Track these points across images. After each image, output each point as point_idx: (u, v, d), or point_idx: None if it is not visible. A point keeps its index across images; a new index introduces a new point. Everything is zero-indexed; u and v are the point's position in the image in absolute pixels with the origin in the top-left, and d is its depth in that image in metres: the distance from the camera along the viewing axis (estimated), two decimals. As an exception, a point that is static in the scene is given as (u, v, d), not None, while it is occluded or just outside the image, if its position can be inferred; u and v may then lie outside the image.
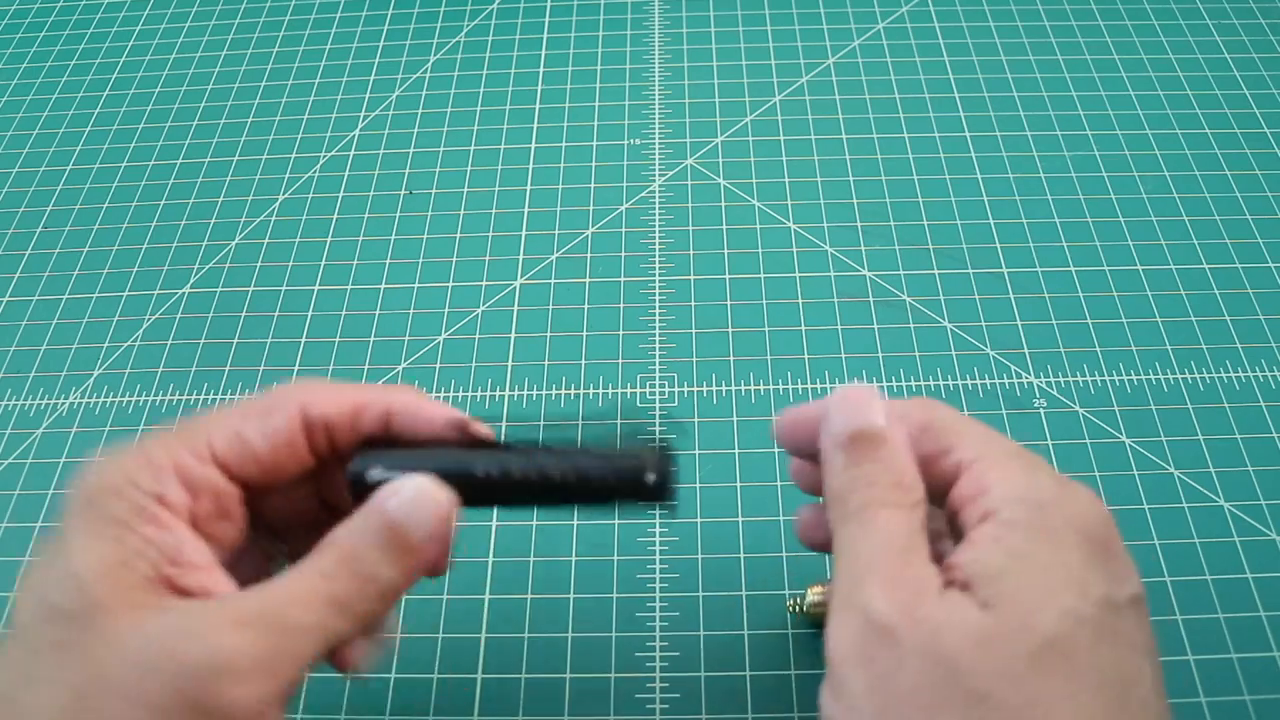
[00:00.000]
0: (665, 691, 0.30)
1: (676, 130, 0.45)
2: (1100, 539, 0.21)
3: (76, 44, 0.52)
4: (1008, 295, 0.39)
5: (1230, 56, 0.47)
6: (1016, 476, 0.21)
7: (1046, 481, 0.21)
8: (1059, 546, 0.20)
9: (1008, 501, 0.21)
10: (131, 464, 0.21)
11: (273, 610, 0.20)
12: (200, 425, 0.23)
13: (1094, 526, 0.21)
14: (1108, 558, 0.21)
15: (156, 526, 0.21)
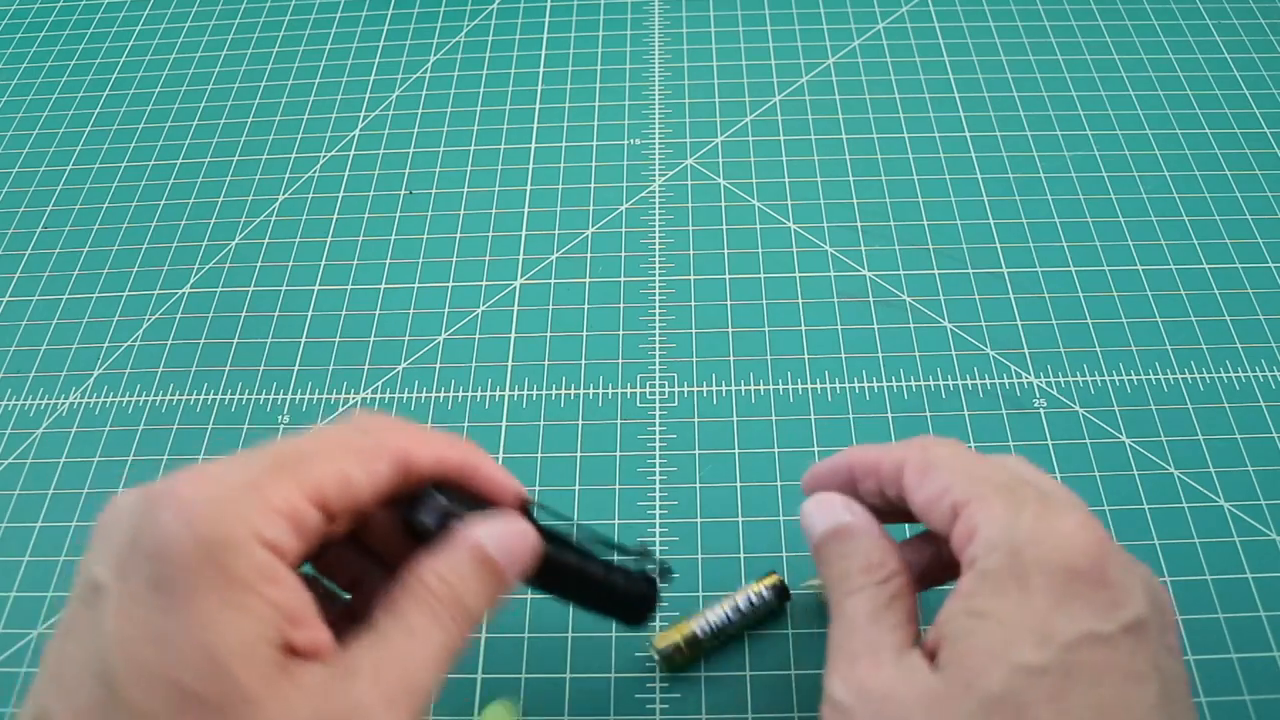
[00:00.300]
0: (665, 691, 0.30)
1: (676, 130, 0.45)
2: (1083, 571, 0.21)
3: (76, 44, 0.52)
4: (1008, 295, 0.39)
5: (1230, 56, 0.47)
6: (999, 517, 0.22)
7: (1027, 520, 0.21)
8: (1027, 593, 0.21)
9: (987, 548, 0.21)
10: (250, 509, 0.19)
11: (413, 680, 0.20)
12: (309, 461, 0.21)
13: (1076, 559, 0.21)
14: (1094, 588, 0.21)
15: (278, 586, 0.19)
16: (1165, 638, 0.21)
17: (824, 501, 0.25)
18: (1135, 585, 0.21)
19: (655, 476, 0.35)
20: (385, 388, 0.38)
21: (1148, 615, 0.21)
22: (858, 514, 0.25)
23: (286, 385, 0.38)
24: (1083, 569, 0.21)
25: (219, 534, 0.19)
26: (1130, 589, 0.21)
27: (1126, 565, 0.21)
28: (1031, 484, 0.23)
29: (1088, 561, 0.21)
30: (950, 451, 0.24)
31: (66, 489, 0.36)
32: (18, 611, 0.33)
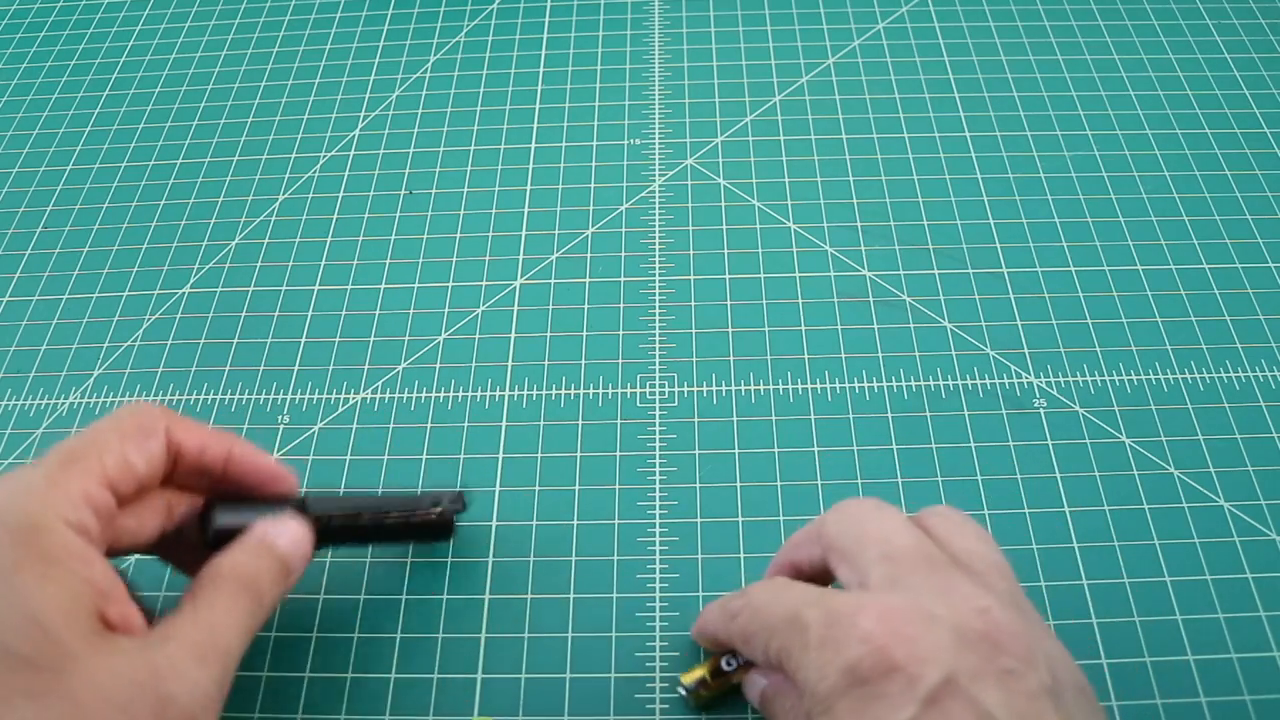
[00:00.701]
0: (665, 691, 0.30)
1: (676, 130, 0.45)
2: (867, 672, 0.21)
3: (76, 44, 0.52)
4: (1008, 295, 0.39)
5: (1230, 56, 0.47)
6: (797, 664, 0.23)
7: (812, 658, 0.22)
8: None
9: (805, 701, 0.23)
10: (52, 495, 0.22)
11: (221, 643, 0.23)
12: (94, 452, 0.24)
13: (859, 667, 0.21)
14: (886, 680, 0.21)
15: (89, 565, 0.22)
16: (994, 664, 0.21)
17: (748, 680, 0.28)
18: (933, 644, 0.21)
19: (655, 476, 0.35)
20: (385, 388, 0.38)
21: (953, 667, 0.21)
22: (769, 674, 0.27)
23: (286, 385, 0.38)
24: (866, 672, 0.21)
25: (28, 521, 0.21)
26: (925, 652, 0.21)
27: (921, 625, 0.21)
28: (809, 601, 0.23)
29: (869, 662, 0.21)
30: (746, 614, 0.26)
31: None
32: (18, 611, 0.33)
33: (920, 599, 0.22)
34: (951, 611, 0.22)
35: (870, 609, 0.22)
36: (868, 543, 0.24)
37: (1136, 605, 0.31)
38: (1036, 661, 0.21)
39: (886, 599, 0.22)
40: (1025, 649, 0.21)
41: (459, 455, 0.36)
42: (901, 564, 0.23)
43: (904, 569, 0.23)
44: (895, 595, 0.22)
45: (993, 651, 0.21)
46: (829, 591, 0.24)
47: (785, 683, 0.26)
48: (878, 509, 0.26)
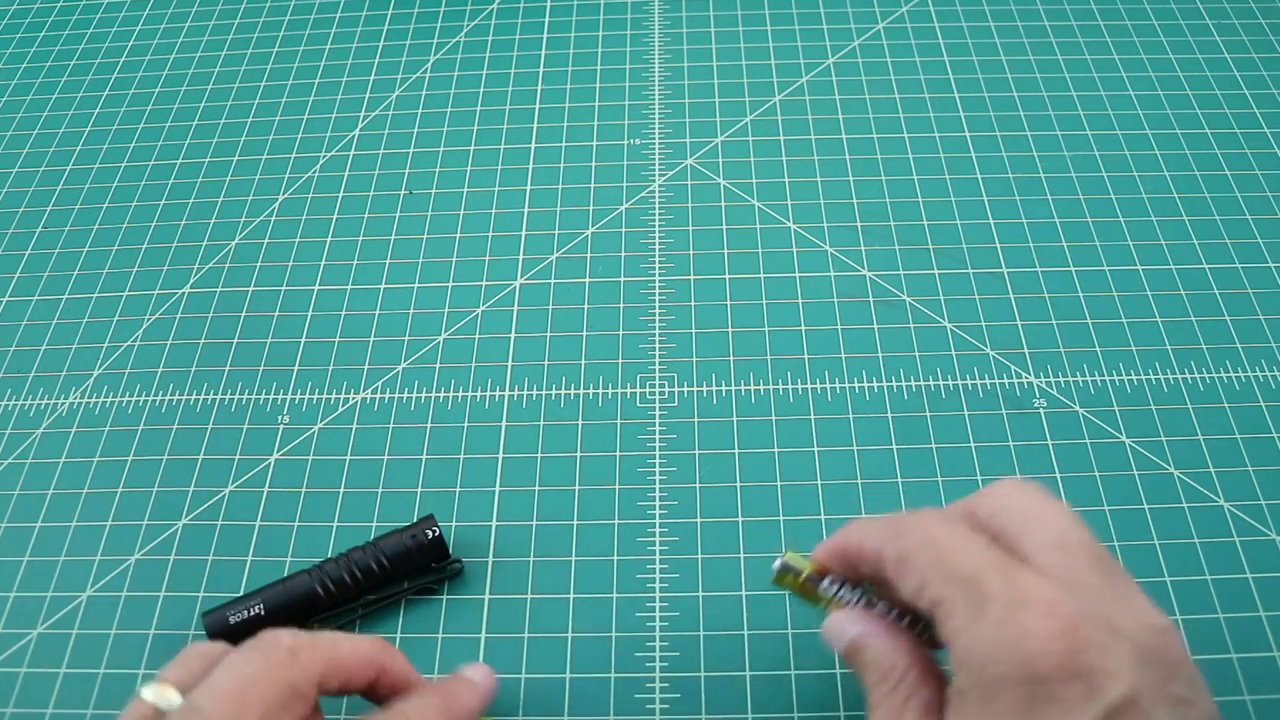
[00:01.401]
0: (665, 691, 0.30)
1: (676, 130, 0.45)
2: (1048, 673, 0.20)
3: (76, 44, 0.52)
4: (1008, 295, 0.39)
5: (1230, 56, 0.47)
6: (963, 628, 0.21)
7: (988, 630, 0.21)
8: (992, 717, 0.20)
9: (956, 665, 0.21)
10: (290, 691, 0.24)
11: None
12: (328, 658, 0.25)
13: (1039, 665, 0.20)
14: (1066, 685, 0.20)
15: None
16: (1169, 689, 0.20)
17: (834, 622, 0.26)
18: (1118, 658, 0.20)
19: (655, 476, 0.35)
20: (385, 388, 0.38)
21: (1135, 686, 0.20)
22: (864, 623, 0.25)
23: (286, 385, 0.38)
24: (1048, 671, 0.20)
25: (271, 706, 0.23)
26: (1111, 665, 0.20)
27: (1107, 635, 0.20)
28: (995, 566, 0.22)
29: (1053, 661, 0.20)
30: (919, 538, 0.23)
31: (66, 489, 0.36)
32: (18, 611, 0.33)
33: (1104, 606, 0.21)
34: (1135, 625, 0.21)
35: (1063, 605, 0.20)
36: (1039, 525, 0.23)
37: (1136, 605, 0.31)
38: (1204, 690, 0.21)
39: (1076, 599, 0.21)
40: (1195, 675, 0.21)
41: (459, 455, 0.36)
42: (1078, 559, 0.22)
43: (1080, 566, 0.22)
44: (1079, 596, 0.21)
45: (1169, 674, 0.21)
46: (1014, 563, 0.22)
47: (886, 634, 0.24)
48: (1044, 495, 0.24)
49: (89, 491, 0.36)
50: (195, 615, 0.32)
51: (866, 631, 0.25)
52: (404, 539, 0.32)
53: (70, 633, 0.32)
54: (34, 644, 0.32)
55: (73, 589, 0.33)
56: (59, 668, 0.32)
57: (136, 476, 0.36)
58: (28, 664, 0.32)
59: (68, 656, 0.32)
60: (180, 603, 0.33)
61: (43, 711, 0.31)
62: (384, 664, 0.26)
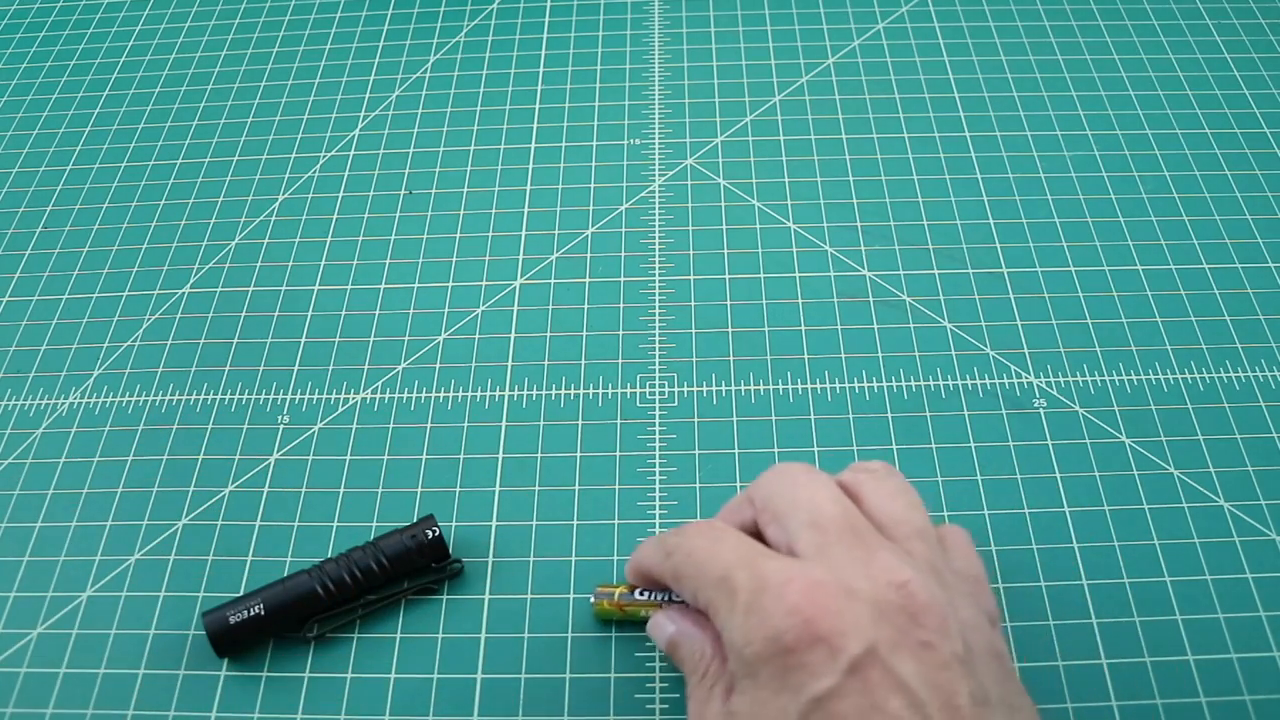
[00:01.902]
0: (665, 691, 0.30)
1: (676, 130, 0.45)
2: (792, 643, 0.22)
3: (76, 44, 0.52)
4: (1008, 295, 0.39)
5: (1230, 56, 0.47)
6: (724, 621, 0.24)
7: (738, 620, 0.23)
8: (759, 689, 0.23)
9: (728, 655, 0.24)
10: None
11: None
12: None
13: (784, 637, 0.22)
14: (809, 649, 0.22)
15: None
16: (910, 636, 0.22)
17: (655, 622, 0.28)
18: (853, 617, 0.22)
19: (655, 476, 0.35)
20: (385, 388, 0.38)
21: (872, 638, 0.22)
22: (678, 620, 0.27)
23: (286, 385, 0.38)
24: (790, 643, 0.22)
25: None
26: (846, 626, 0.22)
27: (841, 599, 0.22)
28: (742, 561, 0.24)
29: (793, 634, 0.22)
30: (683, 554, 0.26)
31: (66, 489, 0.36)
32: (18, 611, 0.33)
33: (843, 572, 0.23)
34: (872, 585, 0.23)
35: (796, 581, 0.23)
36: (797, 509, 0.25)
37: (1136, 605, 0.31)
38: (950, 632, 0.23)
39: (812, 571, 0.23)
40: (939, 620, 0.23)
41: (459, 455, 0.36)
42: (828, 532, 0.24)
43: (830, 538, 0.24)
44: (820, 567, 0.23)
45: (909, 624, 0.22)
46: (760, 553, 0.24)
47: (694, 630, 0.26)
48: (809, 474, 0.27)
49: (89, 491, 0.36)
50: (195, 615, 0.32)
51: (680, 629, 0.27)
52: (404, 539, 0.32)
53: (70, 633, 0.32)
54: (34, 644, 0.32)
55: (73, 589, 0.33)
56: (59, 668, 0.32)
57: (136, 476, 0.36)
58: (28, 664, 0.32)
59: (68, 656, 0.32)
60: (180, 603, 0.33)
61: (43, 711, 0.31)
62: None
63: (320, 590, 0.31)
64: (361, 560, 0.32)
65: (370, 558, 0.32)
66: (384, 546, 0.32)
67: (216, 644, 0.31)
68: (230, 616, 0.31)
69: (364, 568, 0.31)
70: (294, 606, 0.31)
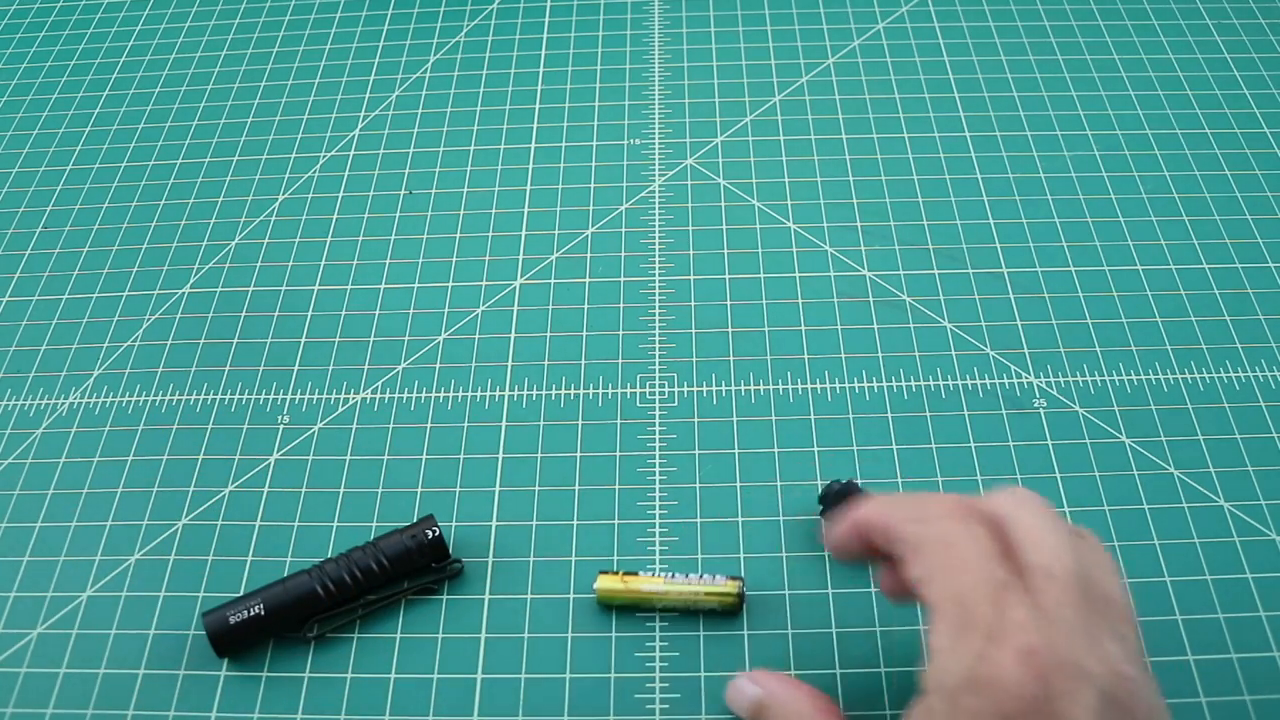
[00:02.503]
0: (665, 691, 0.30)
1: (676, 130, 0.45)
2: (1010, 715, 0.21)
3: (76, 44, 0.52)
4: (1008, 295, 0.39)
5: (1230, 56, 0.47)
6: (945, 649, 0.22)
7: (967, 660, 0.21)
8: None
9: (933, 683, 0.22)
10: None
11: None
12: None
13: (1009, 706, 0.21)
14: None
15: None
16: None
17: (736, 687, 0.28)
18: (1082, 701, 0.21)
19: (655, 476, 0.35)
20: (385, 388, 0.38)
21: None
22: (763, 682, 0.27)
23: (286, 385, 0.38)
24: (1015, 712, 0.21)
25: None
26: (1074, 711, 0.20)
27: (1075, 680, 0.21)
28: (990, 591, 0.22)
29: (1022, 706, 0.21)
30: (936, 533, 0.24)
31: (66, 489, 0.36)
32: (18, 611, 0.33)
33: (1076, 646, 0.21)
34: (1101, 670, 0.21)
35: (1040, 652, 0.21)
36: (1034, 547, 0.23)
37: (1137, 605, 0.31)
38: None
39: (1056, 640, 0.21)
40: (1149, 703, 0.22)
41: (459, 455, 0.36)
42: (1065, 590, 0.22)
43: (1064, 597, 0.22)
44: (1062, 636, 0.21)
45: (1127, 713, 0.21)
46: (1005, 584, 0.22)
47: (791, 692, 0.26)
48: (1050, 514, 0.24)
49: (89, 491, 0.36)
50: (195, 615, 0.32)
51: (769, 690, 0.27)
52: (404, 539, 0.32)
53: (70, 633, 0.32)
54: (34, 644, 0.32)
55: (73, 589, 0.33)
56: (59, 668, 0.32)
57: (136, 476, 0.36)
58: (28, 664, 0.32)
59: (68, 656, 0.32)
60: (180, 603, 0.33)
61: (43, 711, 0.31)
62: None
63: (320, 590, 0.31)
64: (361, 560, 0.32)
65: (370, 558, 0.32)
66: (384, 546, 0.32)
67: (216, 644, 0.31)
68: (230, 616, 0.31)
69: (364, 568, 0.31)
70: (294, 606, 0.31)
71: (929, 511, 0.24)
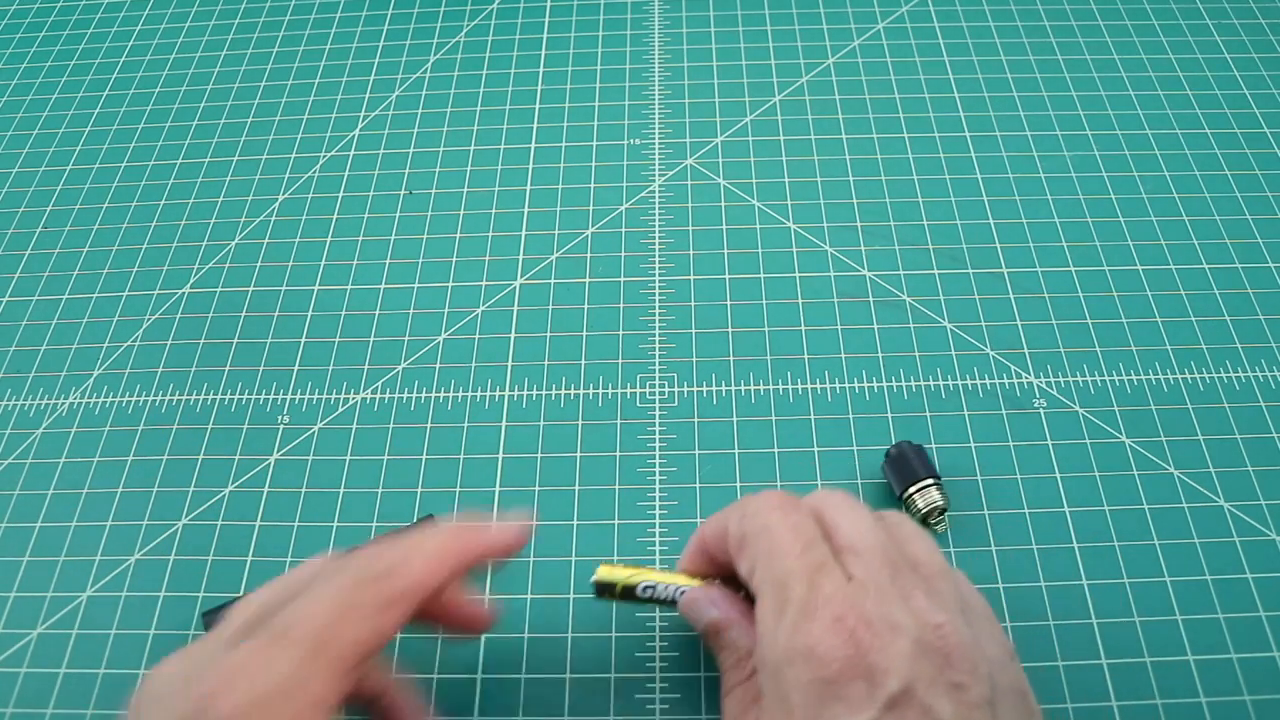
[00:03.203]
0: (665, 691, 0.30)
1: (676, 130, 0.45)
2: (833, 675, 0.22)
3: (76, 44, 0.52)
4: (1008, 295, 0.39)
5: (1230, 56, 0.47)
6: (768, 629, 0.23)
7: (784, 634, 0.23)
8: (788, 716, 0.22)
9: (759, 662, 0.24)
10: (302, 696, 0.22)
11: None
12: (338, 637, 0.23)
13: (826, 669, 0.22)
14: (849, 683, 0.22)
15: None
16: (944, 677, 0.22)
17: (696, 599, 0.27)
18: (895, 654, 0.22)
19: (655, 476, 0.35)
20: (385, 388, 0.38)
21: (910, 677, 0.22)
22: (723, 607, 0.27)
23: (286, 385, 0.38)
24: (833, 674, 0.22)
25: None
26: (888, 663, 0.22)
27: (887, 634, 0.22)
28: (804, 571, 0.24)
29: (837, 667, 0.22)
30: (757, 525, 0.25)
31: (66, 489, 0.36)
32: (18, 611, 0.33)
33: (887, 605, 0.23)
34: (911, 621, 0.23)
35: (850, 612, 0.23)
36: (838, 529, 0.25)
37: (1136, 605, 0.31)
38: (980, 674, 0.23)
39: (864, 602, 0.23)
40: (971, 662, 0.23)
41: (459, 455, 0.36)
42: (870, 561, 0.24)
43: (870, 567, 0.24)
44: (871, 598, 0.23)
45: (944, 664, 0.23)
46: (819, 565, 0.24)
47: (743, 623, 0.26)
48: (849, 500, 0.27)
49: (89, 491, 0.36)
50: (195, 615, 0.32)
51: (727, 617, 0.27)
52: None
53: (70, 633, 0.32)
54: (34, 644, 0.32)
55: (73, 589, 0.33)
56: (59, 668, 0.32)
57: (136, 476, 0.36)
58: (28, 664, 0.32)
59: (68, 656, 0.32)
60: (180, 603, 0.33)
61: (43, 711, 0.31)
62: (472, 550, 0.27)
63: None
64: None
65: None
66: None
67: None
68: None
69: None
70: None
71: (751, 507, 0.26)
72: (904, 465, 0.33)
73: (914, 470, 0.33)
